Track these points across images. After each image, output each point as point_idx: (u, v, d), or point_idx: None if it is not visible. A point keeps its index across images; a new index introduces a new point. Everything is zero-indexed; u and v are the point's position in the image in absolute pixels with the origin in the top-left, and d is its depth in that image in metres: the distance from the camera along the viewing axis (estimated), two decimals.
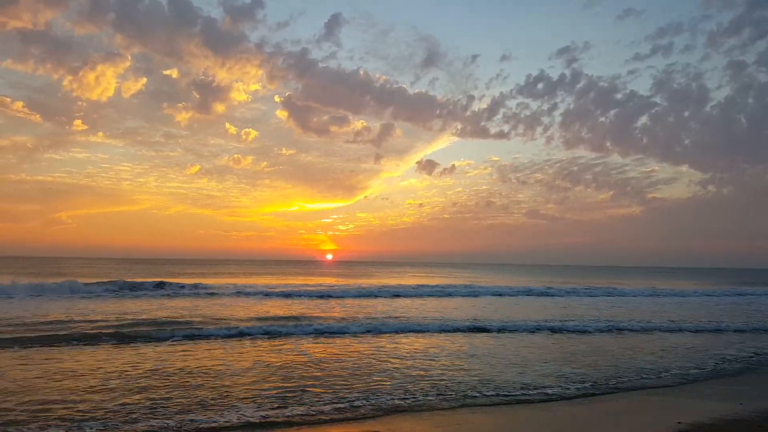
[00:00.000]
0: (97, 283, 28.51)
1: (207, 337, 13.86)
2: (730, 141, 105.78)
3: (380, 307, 22.71)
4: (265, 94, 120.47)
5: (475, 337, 15.16)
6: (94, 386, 8.58)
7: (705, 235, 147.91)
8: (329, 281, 45.05)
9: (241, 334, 14.31)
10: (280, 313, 19.76)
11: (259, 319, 17.71)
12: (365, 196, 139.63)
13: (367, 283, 41.38)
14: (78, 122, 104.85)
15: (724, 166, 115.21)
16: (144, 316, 17.57)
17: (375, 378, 9.61)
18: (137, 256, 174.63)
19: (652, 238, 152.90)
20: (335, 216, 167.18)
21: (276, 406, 7.71)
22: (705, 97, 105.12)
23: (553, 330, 16.71)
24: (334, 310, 21.16)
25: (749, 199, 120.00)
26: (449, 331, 15.92)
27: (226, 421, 7.01)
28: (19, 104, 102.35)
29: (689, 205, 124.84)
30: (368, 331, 15.48)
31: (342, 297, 28.04)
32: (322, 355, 11.88)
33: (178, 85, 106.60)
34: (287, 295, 27.78)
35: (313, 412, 7.47)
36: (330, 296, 28.11)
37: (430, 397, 8.39)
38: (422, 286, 35.29)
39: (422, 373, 10.12)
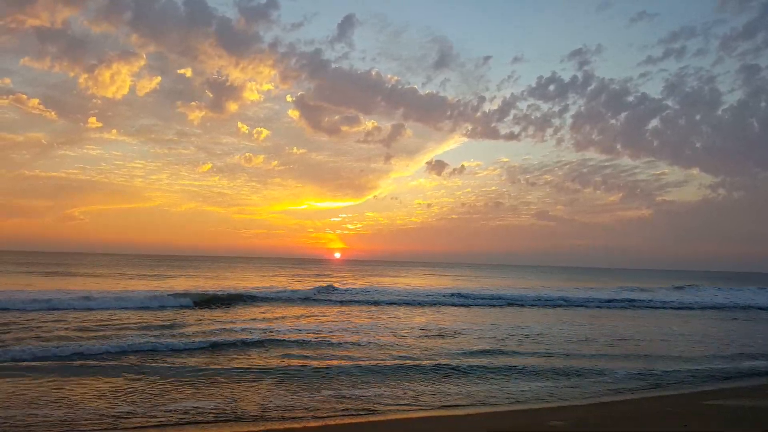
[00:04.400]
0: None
1: None
2: (742, 145, 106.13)
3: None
4: (277, 93, 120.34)
5: None
6: None
7: (715, 239, 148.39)
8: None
9: None
10: None
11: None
12: (374, 196, 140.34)
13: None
14: (92, 119, 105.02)
15: (736, 170, 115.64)
16: None
17: None
18: (149, 252, 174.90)
19: (661, 240, 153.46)
20: (344, 215, 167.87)
21: None
22: (717, 101, 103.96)
23: None
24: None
25: (760, 204, 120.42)
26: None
27: None
28: (35, 101, 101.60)
29: (699, 208, 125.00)
30: None
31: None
32: None
33: (192, 84, 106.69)
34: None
35: None
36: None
37: None
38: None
39: None
